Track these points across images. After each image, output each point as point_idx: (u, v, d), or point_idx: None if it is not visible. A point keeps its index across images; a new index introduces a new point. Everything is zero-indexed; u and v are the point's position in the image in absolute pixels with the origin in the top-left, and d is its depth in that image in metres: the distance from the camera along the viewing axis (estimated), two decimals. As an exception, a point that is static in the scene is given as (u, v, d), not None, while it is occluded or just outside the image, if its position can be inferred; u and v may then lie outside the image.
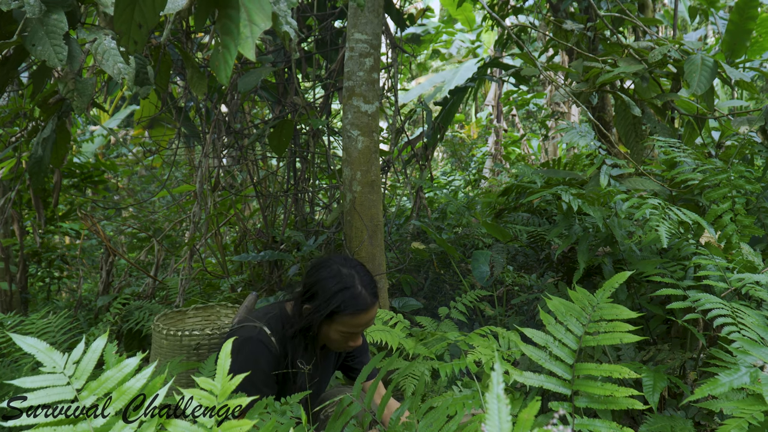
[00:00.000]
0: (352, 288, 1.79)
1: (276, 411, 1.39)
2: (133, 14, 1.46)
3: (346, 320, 1.79)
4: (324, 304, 1.78)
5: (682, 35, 6.03)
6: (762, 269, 2.05)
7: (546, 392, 1.95)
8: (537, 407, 0.88)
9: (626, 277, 1.59)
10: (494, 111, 8.65)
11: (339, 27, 4.15)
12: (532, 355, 1.43)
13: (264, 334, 1.83)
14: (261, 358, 1.80)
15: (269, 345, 1.82)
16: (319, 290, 1.80)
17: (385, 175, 4.43)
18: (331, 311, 1.78)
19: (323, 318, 1.79)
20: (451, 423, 1.35)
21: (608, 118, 3.93)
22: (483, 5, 3.58)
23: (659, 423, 1.73)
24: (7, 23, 1.76)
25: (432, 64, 11.43)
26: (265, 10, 1.29)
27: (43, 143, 2.50)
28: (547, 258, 3.38)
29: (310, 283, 1.84)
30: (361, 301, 1.79)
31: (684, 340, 2.28)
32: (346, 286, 1.79)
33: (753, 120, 2.77)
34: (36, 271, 4.51)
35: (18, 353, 2.66)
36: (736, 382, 1.33)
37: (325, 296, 1.79)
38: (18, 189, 3.37)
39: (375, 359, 1.72)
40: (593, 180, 2.73)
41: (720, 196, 2.34)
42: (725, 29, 3.57)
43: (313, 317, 1.80)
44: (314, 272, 1.86)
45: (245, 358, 1.79)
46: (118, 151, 7.17)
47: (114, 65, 1.64)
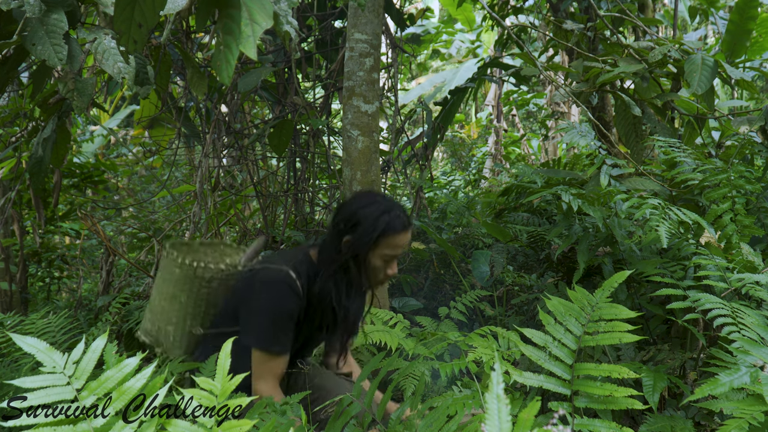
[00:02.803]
0: (392, 210, 1.87)
1: (277, 411, 1.39)
2: (133, 14, 1.46)
3: (390, 241, 1.84)
4: (370, 228, 1.83)
5: (682, 35, 6.04)
6: (762, 269, 2.05)
7: (546, 392, 1.95)
8: (537, 407, 0.88)
9: (626, 276, 1.59)
10: (494, 111, 8.64)
11: (339, 27, 4.15)
12: (532, 355, 1.43)
13: (291, 278, 1.80)
14: (287, 303, 1.79)
15: (296, 289, 1.80)
16: (362, 218, 1.84)
17: (385, 175, 4.43)
18: (378, 235, 1.83)
19: (372, 243, 1.83)
20: (451, 423, 1.35)
21: (608, 118, 3.93)
22: (483, 5, 3.58)
23: (659, 423, 1.72)
24: (7, 23, 1.76)
25: (432, 64, 11.42)
26: (267, 9, 1.29)
27: (43, 143, 2.50)
28: (547, 258, 3.38)
29: (348, 215, 1.87)
30: (402, 220, 1.88)
31: (684, 340, 2.28)
32: (387, 209, 1.86)
33: (753, 120, 2.77)
34: (36, 271, 4.51)
35: (18, 353, 2.65)
36: (736, 382, 1.33)
37: (369, 222, 1.83)
38: (18, 189, 3.36)
39: (375, 359, 1.72)
40: (593, 180, 2.73)
41: (720, 196, 2.34)
42: (725, 29, 3.57)
43: (359, 245, 1.83)
44: (349, 206, 1.90)
45: (271, 300, 1.78)
46: (118, 151, 7.16)
47: (114, 65, 1.64)
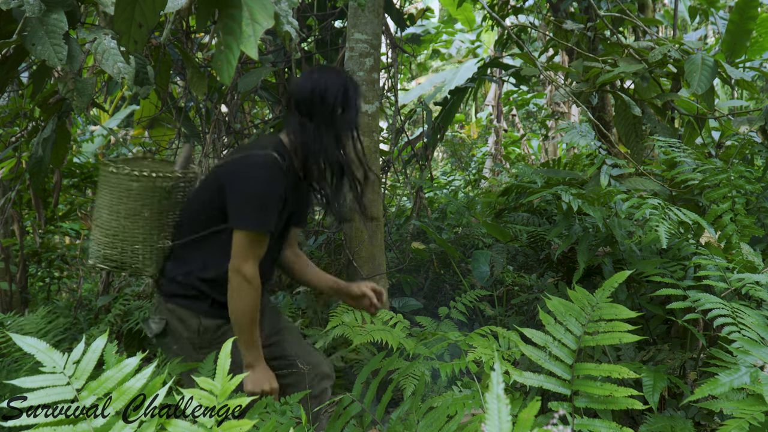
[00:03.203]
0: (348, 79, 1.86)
1: (276, 411, 1.39)
2: (134, 14, 1.46)
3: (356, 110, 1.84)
4: (348, 103, 1.82)
5: (682, 35, 6.03)
6: (762, 269, 2.05)
7: (546, 392, 1.95)
8: (537, 407, 0.88)
9: (626, 276, 1.59)
10: (494, 111, 8.64)
11: (339, 27, 4.14)
12: (532, 355, 1.43)
13: (277, 161, 1.77)
14: (277, 184, 1.77)
15: (283, 170, 1.78)
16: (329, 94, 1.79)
17: (385, 175, 4.43)
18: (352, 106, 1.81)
19: (354, 117, 1.83)
20: (451, 423, 1.35)
21: (608, 118, 3.93)
22: (483, 5, 3.58)
23: (659, 423, 1.72)
24: (6, 23, 1.76)
25: (432, 64, 11.42)
26: (268, 9, 1.29)
27: (43, 143, 2.49)
28: (547, 258, 3.38)
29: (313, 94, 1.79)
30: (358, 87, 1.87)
31: (684, 340, 2.28)
32: (344, 80, 1.83)
33: (753, 120, 2.77)
34: (36, 271, 4.51)
35: (18, 353, 2.65)
36: (736, 382, 1.32)
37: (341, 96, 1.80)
38: (18, 189, 3.36)
39: (375, 359, 1.72)
40: (593, 180, 2.73)
41: (720, 196, 2.34)
42: (725, 29, 3.56)
43: (345, 120, 1.82)
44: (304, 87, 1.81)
45: (262, 182, 1.74)
46: (118, 151, 7.15)
47: (114, 65, 1.64)
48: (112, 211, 1.84)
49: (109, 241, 1.87)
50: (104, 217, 1.85)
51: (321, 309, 3.18)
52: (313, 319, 3.12)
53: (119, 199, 1.84)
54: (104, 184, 1.86)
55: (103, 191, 1.87)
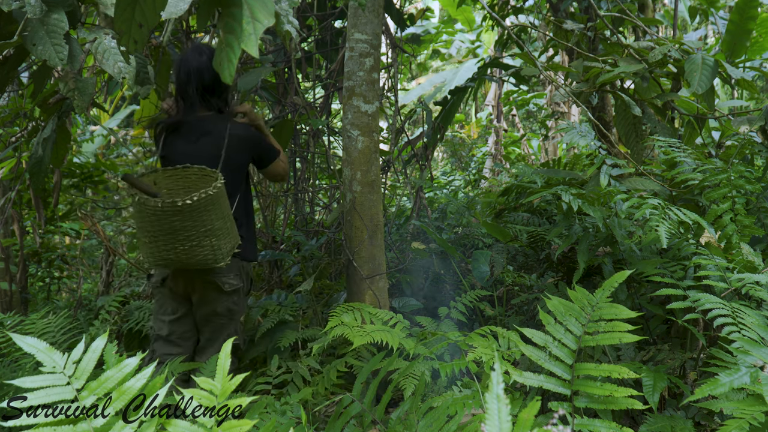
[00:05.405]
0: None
1: (276, 411, 1.39)
2: (134, 14, 1.46)
3: None
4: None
5: (682, 35, 6.03)
6: (762, 269, 2.05)
7: (546, 392, 1.95)
8: (537, 407, 0.88)
9: (626, 276, 1.59)
10: (494, 111, 8.64)
11: (339, 27, 4.15)
12: (532, 355, 1.43)
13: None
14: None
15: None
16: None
17: (385, 175, 4.43)
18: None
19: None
20: (451, 423, 1.35)
21: (608, 118, 3.93)
22: (483, 5, 3.58)
23: (659, 423, 1.72)
24: (7, 23, 1.76)
25: (432, 64, 11.42)
26: (268, 8, 1.29)
27: (43, 143, 2.49)
28: (547, 258, 3.38)
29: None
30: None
31: (684, 340, 2.28)
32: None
33: (753, 120, 2.77)
34: (36, 271, 4.51)
35: (18, 353, 2.66)
36: (736, 382, 1.33)
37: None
38: (18, 189, 3.36)
39: (375, 359, 1.72)
40: (593, 180, 2.73)
41: (720, 196, 2.34)
42: (725, 29, 3.56)
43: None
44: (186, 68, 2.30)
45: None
46: (118, 151, 7.16)
47: (114, 64, 1.64)
48: (218, 216, 2.22)
49: (213, 242, 2.22)
50: (212, 225, 2.22)
51: (321, 309, 3.18)
52: (313, 319, 3.12)
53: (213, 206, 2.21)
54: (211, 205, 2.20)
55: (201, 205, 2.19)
